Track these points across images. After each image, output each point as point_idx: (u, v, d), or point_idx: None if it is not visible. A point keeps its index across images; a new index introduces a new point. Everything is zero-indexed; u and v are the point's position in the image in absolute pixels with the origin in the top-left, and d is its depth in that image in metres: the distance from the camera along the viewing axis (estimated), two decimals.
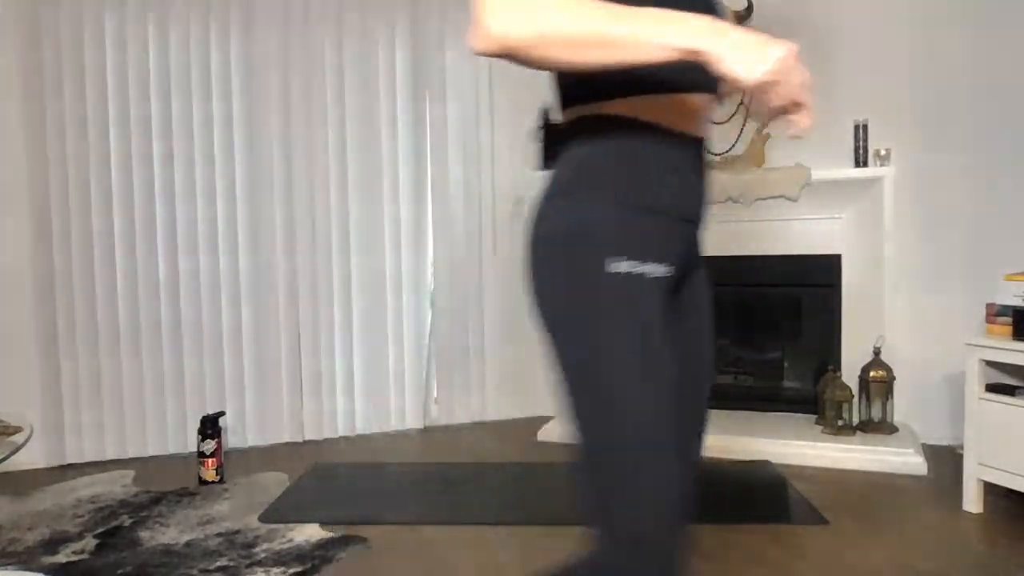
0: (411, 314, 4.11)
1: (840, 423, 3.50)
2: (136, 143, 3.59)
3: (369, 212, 4.00)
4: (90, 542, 2.58)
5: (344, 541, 2.56)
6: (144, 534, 2.64)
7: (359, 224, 3.99)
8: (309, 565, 2.36)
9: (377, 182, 4.01)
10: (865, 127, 3.65)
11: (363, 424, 4.04)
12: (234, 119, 3.75)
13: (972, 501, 2.74)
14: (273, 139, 3.80)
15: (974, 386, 2.72)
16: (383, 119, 4.02)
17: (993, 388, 2.70)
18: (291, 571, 2.32)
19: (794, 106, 0.96)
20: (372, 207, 4.01)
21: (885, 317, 3.64)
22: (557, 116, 1.21)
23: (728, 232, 3.95)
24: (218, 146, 3.72)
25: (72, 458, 3.54)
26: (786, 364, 3.97)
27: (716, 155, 3.99)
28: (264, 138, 3.79)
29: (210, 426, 3.21)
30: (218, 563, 2.39)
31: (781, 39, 0.99)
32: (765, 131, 3.86)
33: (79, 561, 2.42)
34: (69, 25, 3.45)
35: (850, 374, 3.67)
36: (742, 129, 3.95)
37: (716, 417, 3.87)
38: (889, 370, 3.53)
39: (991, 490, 2.89)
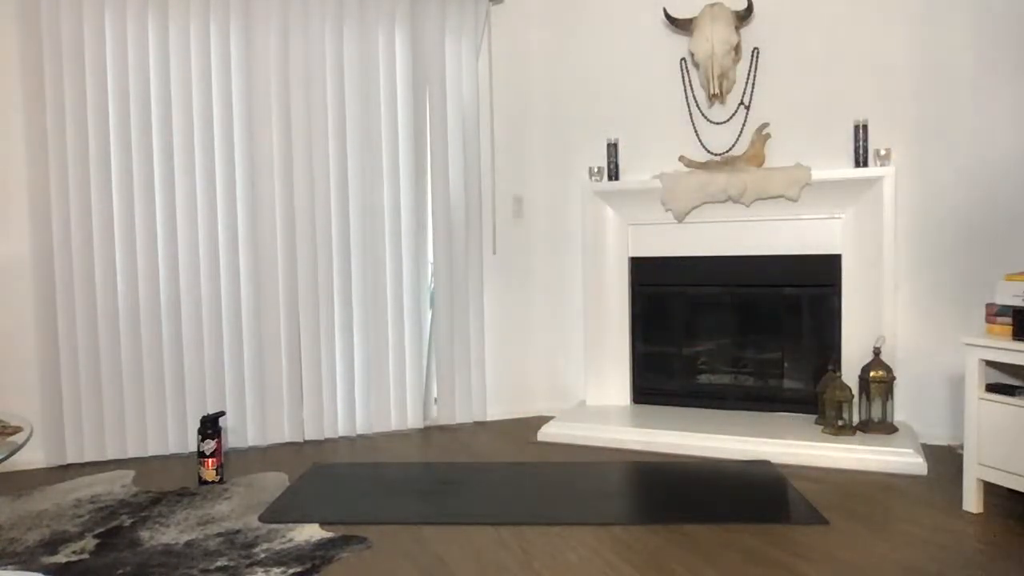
0: (411, 314, 4.11)
1: (840, 423, 3.50)
2: (136, 142, 3.59)
3: (369, 212, 4.00)
4: (90, 542, 2.58)
5: (344, 541, 2.56)
6: (144, 534, 2.64)
7: (359, 224, 3.99)
8: (309, 565, 2.36)
9: (377, 182, 4.02)
10: (865, 127, 3.65)
11: (363, 424, 4.04)
12: (234, 119, 3.75)
13: (972, 501, 2.74)
14: (273, 139, 3.80)
15: (974, 386, 2.72)
16: (383, 119, 4.02)
17: (993, 388, 2.70)
18: (291, 571, 2.32)
19: None
20: (372, 207, 4.01)
21: (885, 317, 3.64)
22: None
23: (728, 232, 3.95)
24: (218, 146, 3.72)
25: (72, 458, 3.54)
26: (786, 364, 3.97)
27: (716, 155, 3.99)
28: (264, 138, 3.79)
29: (210, 426, 3.21)
30: (218, 563, 2.39)
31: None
32: (765, 131, 3.87)
33: (79, 561, 2.42)
34: (69, 23, 3.45)
35: (850, 374, 3.67)
36: (742, 129, 3.95)
37: (716, 417, 3.87)
38: (889, 370, 3.53)
39: (991, 490, 2.90)
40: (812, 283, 3.84)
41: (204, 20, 3.67)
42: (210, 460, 3.20)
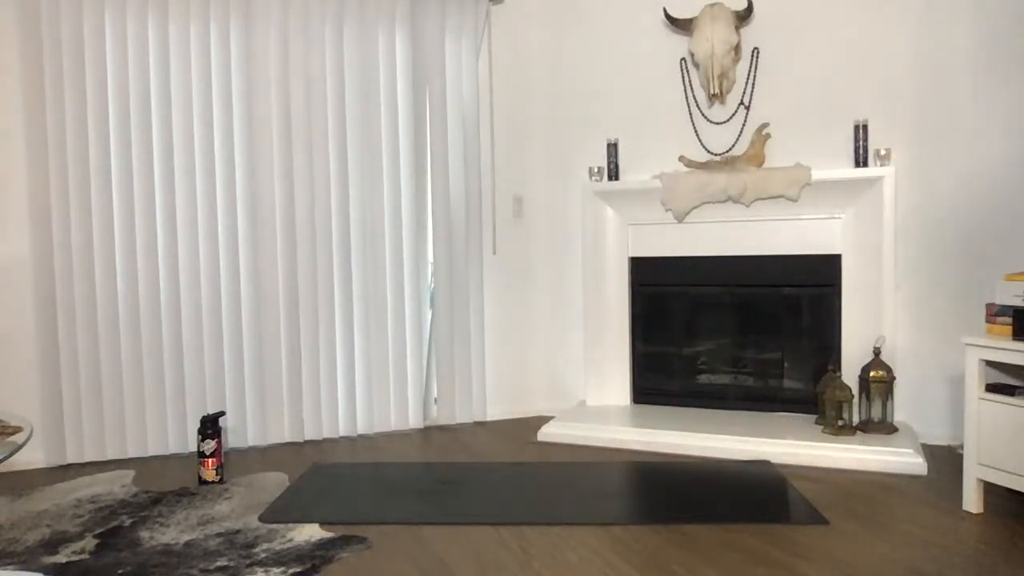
0: (411, 314, 4.11)
1: (840, 423, 3.50)
2: (136, 142, 3.59)
3: (369, 212, 4.00)
4: (90, 542, 2.58)
5: (344, 541, 2.56)
6: (144, 534, 2.64)
7: (359, 224, 3.99)
8: (309, 565, 2.36)
9: (377, 182, 4.02)
10: (865, 127, 3.65)
11: (363, 424, 4.04)
12: (234, 119, 3.75)
13: (972, 501, 2.74)
14: (273, 139, 3.80)
15: (974, 386, 2.72)
16: (383, 118, 4.02)
17: (993, 388, 2.70)
18: (291, 571, 2.32)
19: None
20: (372, 207, 4.01)
21: (885, 317, 3.64)
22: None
23: (728, 232, 3.95)
24: (218, 146, 3.72)
25: (72, 458, 3.54)
26: (786, 364, 3.97)
27: (716, 155, 3.99)
28: (264, 138, 3.79)
29: (210, 426, 3.21)
30: (218, 563, 2.39)
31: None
32: (765, 131, 3.86)
33: (79, 561, 2.42)
34: (69, 23, 3.45)
35: (850, 374, 3.67)
36: (742, 129, 3.95)
37: (716, 417, 3.87)
38: (889, 370, 3.53)
39: (991, 490, 2.90)
40: (812, 283, 3.84)
41: (204, 20, 3.67)
42: (210, 460, 3.19)
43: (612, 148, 4.15)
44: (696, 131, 4.04)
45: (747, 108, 3.93)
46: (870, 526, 2.62)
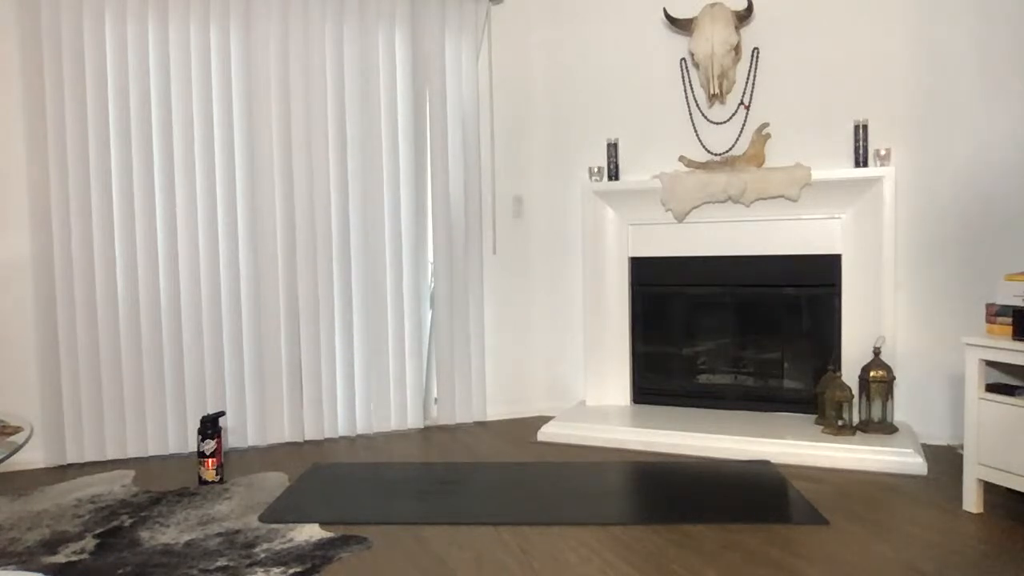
0: (411, 314, 4.12)
1: (840, 423, 3.50)
2: (136, 142, 3.59)
3: (369, 212, 4.00)
4: (90, 542, 2.58)
5: (344, 541, 2.56)
6: (144, 534, 2.64)
7: (359, 224, 3.99)
8: (309, 565, 2.36)
9: (377, 182, 4.02)
10: (865, 127, 3.65)
11: (363, 424, 4.04)
12: (234, 119, 3.75)
13: (972, 501, 2.74)
14: (273, 139, 3.80)
15: (974, 386, 2.72)
16: (383, 118, 4.02)
17: (993, 388, 2.70)
18: (291, 571, 2.32)
19: None
20: (372, 207, 4.01)
21: (885, 317, 3.64)
22: None
23: (728, 232, 3.95)
24: (218, 146, 3.72)
25: (72, 458, 3.54)
26: (786, 364, 3.97)
27: (716, 155, 3.99)
28: (264, 138, 3.79)
29: (210, 426, 3.21)
30: (218, 563, 2.39)
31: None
32: (765, 131, 3.87)
33: (79, 561, 2.42)
34: (69, 23, 3.44)
35: (850, 374, 3.67)
36: (742, 129, 3.95)
37: (716, 417, 3.87)
38: (889, 370, 3.53)
39: (991, 490, 2.90)
40: (812, 283, 3.84)
41: (204, 21, 3.67)
42: (210, 460, 3.20)
43: (612, 148, 4.15)
44: (696, 131, 4.04)
45: (747, 108, 3.93)
46: (870, 526, 2.62)
